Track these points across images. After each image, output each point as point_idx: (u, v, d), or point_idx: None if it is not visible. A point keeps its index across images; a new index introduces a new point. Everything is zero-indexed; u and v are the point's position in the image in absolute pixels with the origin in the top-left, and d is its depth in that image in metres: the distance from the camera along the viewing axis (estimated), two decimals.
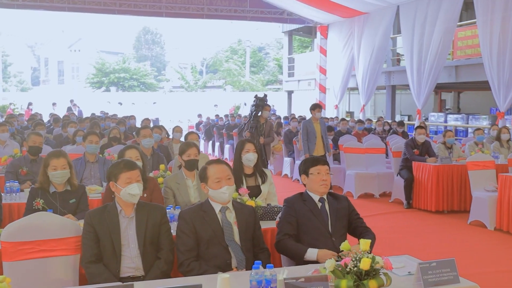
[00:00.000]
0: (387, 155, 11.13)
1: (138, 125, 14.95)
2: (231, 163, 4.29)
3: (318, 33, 20.85)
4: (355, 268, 2.67)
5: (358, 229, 3.88)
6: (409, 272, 3.07)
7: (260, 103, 9.98)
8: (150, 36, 55.66)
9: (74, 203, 4.54)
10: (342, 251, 3.04)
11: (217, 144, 17.44)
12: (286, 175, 12.84)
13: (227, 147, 16.40)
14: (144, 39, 55.48)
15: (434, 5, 14.25)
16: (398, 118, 18.54)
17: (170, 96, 35.24)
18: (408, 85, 16.06)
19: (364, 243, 2.77)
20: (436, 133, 17.04)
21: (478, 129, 10.50)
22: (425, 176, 8.84)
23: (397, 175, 9.59)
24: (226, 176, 3.59)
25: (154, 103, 26.36)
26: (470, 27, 15.26)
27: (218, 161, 3.70)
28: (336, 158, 11.81)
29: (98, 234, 3.41)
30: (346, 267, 2.70)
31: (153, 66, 50.38)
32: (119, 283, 2.72)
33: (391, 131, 13.40)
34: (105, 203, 4.50)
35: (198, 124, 19.64)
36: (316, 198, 3.83)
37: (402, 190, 9.36)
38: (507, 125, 11.52)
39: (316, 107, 10.19)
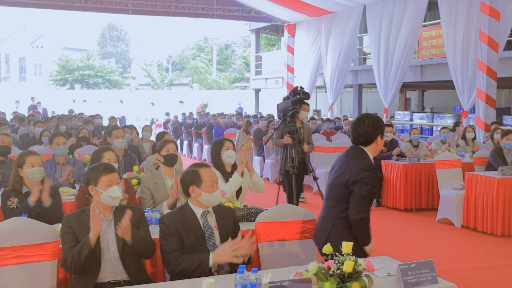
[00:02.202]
0: None
1: (105, 123, 14.79)
2: (199, 162, 4.30)
3: (286, 32, 20.94)
4: (338, 271, 2.71)
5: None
6: (388, 273, 3.12)
7: (301, 99, 7.66)
8: (115, 32, 54.94)
9: (51, 205, 4.43)
10: None
11: (185, 142, 17.36)
12: None
13: (195, 145, 16.32)
14: (109, 35, 54.73)
15: (400, 5, 14.48)
16: None
17: (136, 93, 34.91)
18: (374, 84, 16.30)
19: (346, 246, 2.81)
20: (402, 131, 17.32)
21: (444, 127, 10.71)
22: (394, 175, 8.98)
23: None
24: (216, 180, 3.59)
25: (121, 101, 26.01)
26: (434, 27, 15.56)
27: (206, 165, 3.65)
28: None
29: (77, 237, 3.36)
30: (329, 270, 2.73)
31: (118, 63, 49.78)
32: None
33: None
34: (80, 205, 4.49)
35: (166, 123, 19.49)
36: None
37: None
38: (471, 124, 11.79)
39: None
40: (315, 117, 15.73)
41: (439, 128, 16.35)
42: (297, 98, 7.46)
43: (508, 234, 7.29)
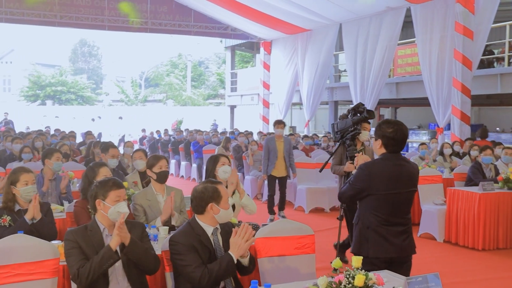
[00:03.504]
0: None
1: (78, 140, 14.66)
2: (177, 179, 4.31)
3: (262, 49, 21.10)
4: (350, 285, 2.74)
5: None
6: (393, 287, 3.16)
7: (365, 118, 6.26)
8: (87, 48, 54.50)
9: (41, 220, 4.36)
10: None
11: None
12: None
13: (173, 162, 16.25)
14: (80, 51, 54.24)
15: (376, 24, 14.75)
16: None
17: (109, 110, 34.61)
18: (350, 101, 16.52)
19: (356, 260, 2.85)
20: None
21: (423, 143, 10.90)
22: None
23: None
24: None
25: (99, 117, 25.79)
26: (409, 46, 15.88)
27: (220, 182, 3.68)
28: None
29: (84, 252, 3.33)
30: (340, 284, 2.76)
31: (90, 79, 49.33)
32: None
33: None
34: (79, 219, 4.44)
35: (142, 139, 19.38)
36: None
37: None
38: (446, 141, 12.03)
39: (277, 123, 9.55)
40: (295, 133, 15.85)
41: (414, 144, 16.70)
42: (360, 117, 6.19)
43: (489, 248, 7.43)
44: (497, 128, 19.76)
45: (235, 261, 3.40)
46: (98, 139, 15.52)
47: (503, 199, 7.49)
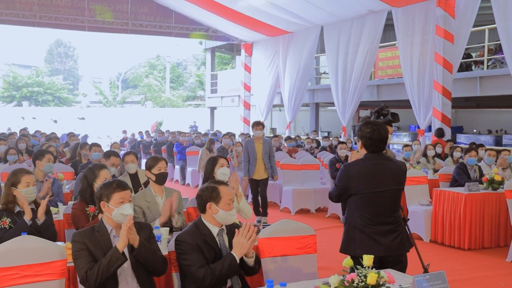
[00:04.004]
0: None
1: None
2: None
3: (243, 51, 21.14)
4: (362, 283, 2.80)
5: None
6: (400, 286, 3.23)
7: (389, 122, 5.73)
8: (63, 49, 53.90)
9: (44, 222, 4.34)
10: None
11: (143, 161, 17.17)
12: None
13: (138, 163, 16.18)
14: (56, 52, 53.62)
15: (357, 27, 14.91)
16: (320, 134, 19.15)
17: (87, 111, 34.31)
18: (330, 103, 16.66)
19: (368, 259, 2.91)
20: None
21: (407, 145, 11.05)
22: None
23: None
24: (233, 198, 3.66)
25: (83, 118, 25.54)
26: (390, 49, 16.08)
27: (225, 183, 3.69)
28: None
29: (92, 253, 3.34)
30: (353, 282, 2.81)
31: (66, 80, 48.80)
32: None
33: (320, 147, 13.83)
34: (76, 221, 4.42)
35: (122, 141, 19.25)
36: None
37: (338, 205, 9.65)
38: (427, 142, 12.23)
39: (255, 125, 9.38)
40: (278, 135, 15.92)
41: (394, 146, 16.90)
42: (384, 121, 5.67)
43: (475, 247, 7.58)
44: (474, 130, 20.14)
45: (238, 261, 3.43)
46: (84, 141, 15.38)
47: (488, 199, 7.64)
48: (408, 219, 4.64)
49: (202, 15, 19.05)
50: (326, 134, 20.28)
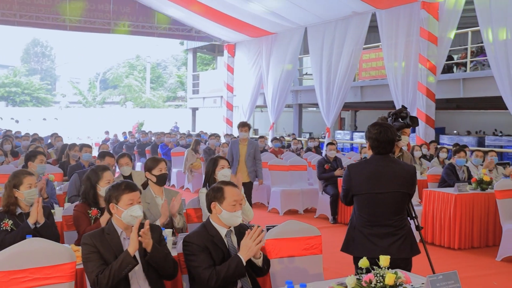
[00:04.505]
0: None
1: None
2: None
3: (226, 51, 21.11)
4: (380, 284, 2.81)
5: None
6: (412, 285, 3.25)
7: (408, 125, 5.38)
8: (40, 48, 53.19)
9: (44, 224, 4.27)
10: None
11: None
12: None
13: (138, 165, 16.06)
14: (33, 51, 52.90)
15: (341, 28, 14.97)
16: (302, 135, 19.24)
17: (67, 112, 33.90)
18: (314, 104, 16.74)
19: (385, 259, 2.92)
20: (342, 150, 17.81)
21: None
22: None
23: (322, 193, 9.92)
24: (240, 200, 3.61)
25: (56, 118, 25.26)
26: (374, 50, 16.20)
27: (232, 184, 3.67)
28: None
29: (102, 256, 3.31)
30: (371, 283, 2.83)
31: (44, 80, 48.19)
32: None
33: (306, 148, 13.89)
34: (78, 224, 4.37)
35: (104, 141, 19.03)
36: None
37: (327, 206, 9.71)
38: (410, 143, 12.33)
39: (241, 126, 9.11)
40: (266, 136, 15.96)
41: None
42: (402, 124, 5.42)
43: (465, 247, 7.68)
44: (454, 131, 20.42)
45: (244, 263, 3.42)
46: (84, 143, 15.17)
47: (477, 199, 7.75)
48: (422, 228, 4.68)
49: (185, 15, 18.98)
50: (307, 135, 20.38)
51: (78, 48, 56.82)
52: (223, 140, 15.96)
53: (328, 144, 10.36)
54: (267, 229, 4.17)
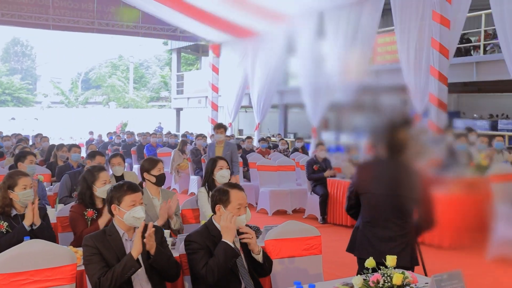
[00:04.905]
0: None
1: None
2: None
3: (210, 52, 21.04)
4: (388, 284, 2.81)
5: None
6: (415, 285, 3.26)
7: None
8: (20, 48, 52.57)
9: (41, 226, 4.20)
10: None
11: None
12: (193, 193, 12.77)
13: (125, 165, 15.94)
14: (13, 51, 52.26)
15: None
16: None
17: (49, 112, 33.55)
18: (298, 104, 16.66)
19: (391, 259, 2.92)
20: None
21: None
22: (340, 192, 9.25)
23: (311, 193, 9.94)
24: (245, 204, 3.60)
25: (36, 119, 24.99)
26: (389, 34, 16.11)
27: (239, 187, 3.64)
28: (246, 175, 11.97)
29: (104, 257, 3.26)
30: (378, 283, 2.83)
31: (25, 80, 47.65)
32: None
33: (292, 148, 13.91)
34: (74, 225, 4.31)
35: (88, 142, 18.87)
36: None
37: (316, 206, 9.72)
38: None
39: (216, 128, 9.15)
40: (252, 137, 15.94)
41: None
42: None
43: (455, 247, 7.72)
44: (475, 115, 20.20)
45: (232, 245, 3.38)
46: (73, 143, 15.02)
47: (468, 199, 7.78)
48: None
49: (170, 15, 18.86)
50: (291, 135, 20.38)
51: (59, 47, 56.33)
52: (209, 141, 15.92)
53: (318, 144, 10.35)
54: (266, 230, 4.16)
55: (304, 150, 14.16)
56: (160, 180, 4.90)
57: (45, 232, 4.16)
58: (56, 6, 18.31)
